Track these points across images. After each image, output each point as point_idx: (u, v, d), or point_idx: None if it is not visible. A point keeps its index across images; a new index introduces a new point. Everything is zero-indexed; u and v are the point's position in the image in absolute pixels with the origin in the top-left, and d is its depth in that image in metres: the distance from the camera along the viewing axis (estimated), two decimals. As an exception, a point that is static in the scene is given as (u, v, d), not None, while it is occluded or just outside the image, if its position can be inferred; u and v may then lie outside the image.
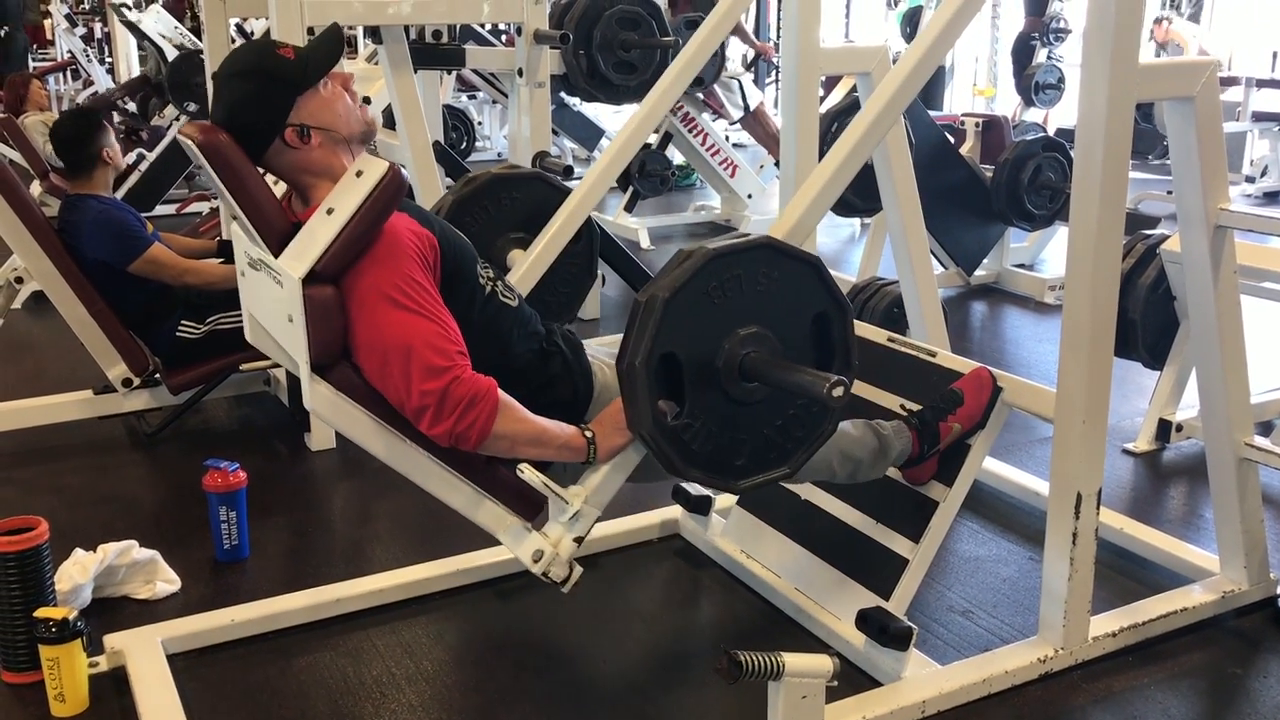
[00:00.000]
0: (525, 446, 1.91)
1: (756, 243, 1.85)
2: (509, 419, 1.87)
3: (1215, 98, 2.23)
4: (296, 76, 1.96)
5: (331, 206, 1.86)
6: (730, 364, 1.84)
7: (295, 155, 1.98)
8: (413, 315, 1.85)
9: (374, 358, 1.87)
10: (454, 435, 1.84)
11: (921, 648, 2.32)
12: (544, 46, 3.63)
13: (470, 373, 1.86)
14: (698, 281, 1.79)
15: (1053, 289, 5.16)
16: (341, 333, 1.88)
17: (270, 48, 1.99)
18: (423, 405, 1.83)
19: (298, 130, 1.96)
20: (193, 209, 6.73)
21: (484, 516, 1.99)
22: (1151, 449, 3.48)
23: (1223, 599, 2.52)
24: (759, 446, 1.94)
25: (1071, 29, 7.62)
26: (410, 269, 1.87)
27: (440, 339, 1.85)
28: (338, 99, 2.01)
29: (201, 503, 2.80)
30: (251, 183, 1.93)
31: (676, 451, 1.85)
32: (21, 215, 3.44)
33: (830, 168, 2.08)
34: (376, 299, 1.85)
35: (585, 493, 1.94)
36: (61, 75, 12.63)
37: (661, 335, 1.77)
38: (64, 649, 2.15)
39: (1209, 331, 2.39)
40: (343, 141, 2.01)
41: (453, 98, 8.51)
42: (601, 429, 1.95)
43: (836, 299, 1.93)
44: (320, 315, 1.82)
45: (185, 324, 3.56)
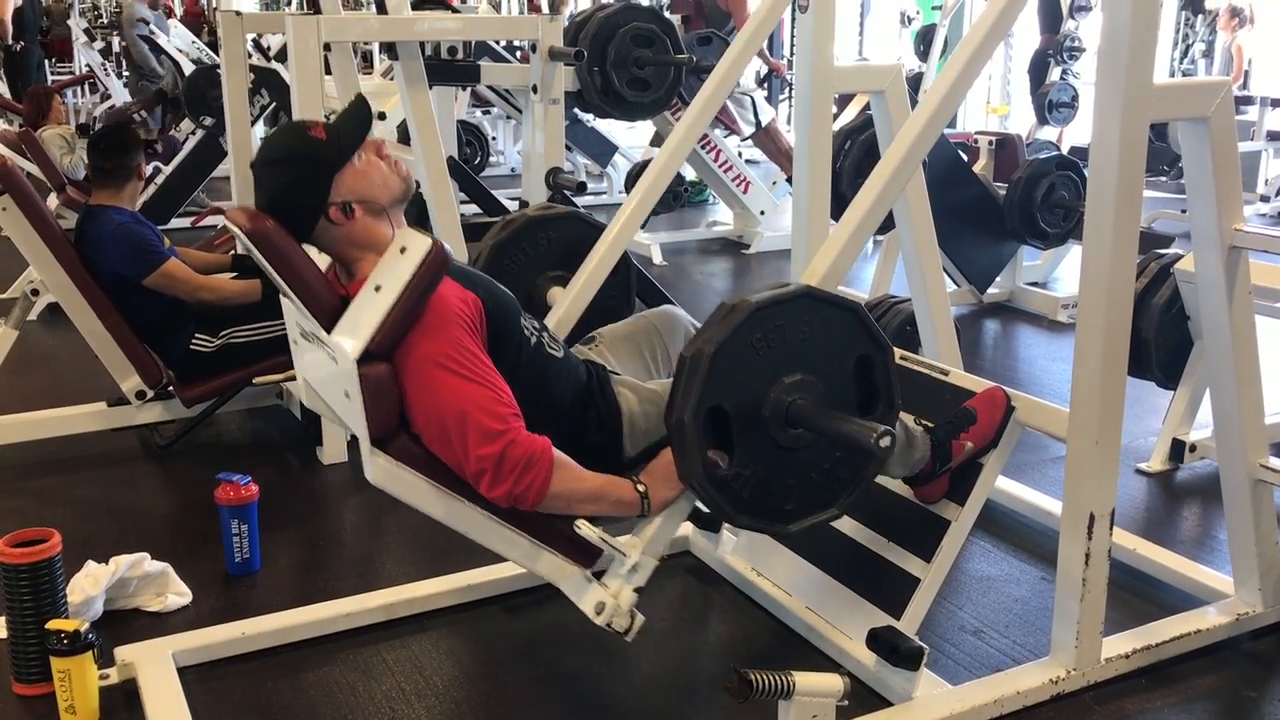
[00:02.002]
0: (581, 504, 1.95)
1: (796, 293, 1.89)
2: (565, 478, 1.93)
3: (1230, 118, 2.23)
4: (332, 156, 2.01)
5: (379, 283, 1.89)
6: (777, 412, 1.89)
7: (340, 231, 2.03)
8: (465, 382, 1.89)
9: (431, 426, 1.92)
10: (513, 496, 1.89)
11: (933, 668, 2.31)
12: (558, 63, 3.64)
13: (525, 434, 1.91)
14: (741, 335, 1.84)
15: (1066, 307, 5.15)
16: (398, 406, 1.92)
17: (303, 131, 2.05)
18: (480, 469, 1.88)
19: (340, 207, 2.01)
20: (208, 222, 6.77)
21: (543, 568, 2.03)
22: (1165, 469, 3.47)
23: (1237, 621, 2.50)
24: (807, 490, 1.99)
25: (1086, 47, 7.62)
26: (459, 336, 1.92)
27: (494, 403, 1.90)
28: (373, 169, 2.06)
29: (213, 515, 2.81)
30: (300, 265, 1.97)
31: (727, 500, 1.90)
32: (38, 228, 3.46)
33: (858, 213, 2.10)
34: (429, 369, 1.89)
35: (641, 544, 1.98)
36: (79, 89, 12.73)
37: (708, 389, 1.82)
38: (75, 661, 2.16)
39: (1223, 352, 2.38)
40: (383, 210, 2.05)
41: (467, 113, 8.54)
42: (653, 480, 1.99)
43: (877, 340, 1.97)
44: (376, 392, 1.87)
45: (199, 337, 3.58)
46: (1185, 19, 10.72)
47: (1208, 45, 10.64)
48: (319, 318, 1.95)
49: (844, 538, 2.52)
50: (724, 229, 7.09)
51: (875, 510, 2.47)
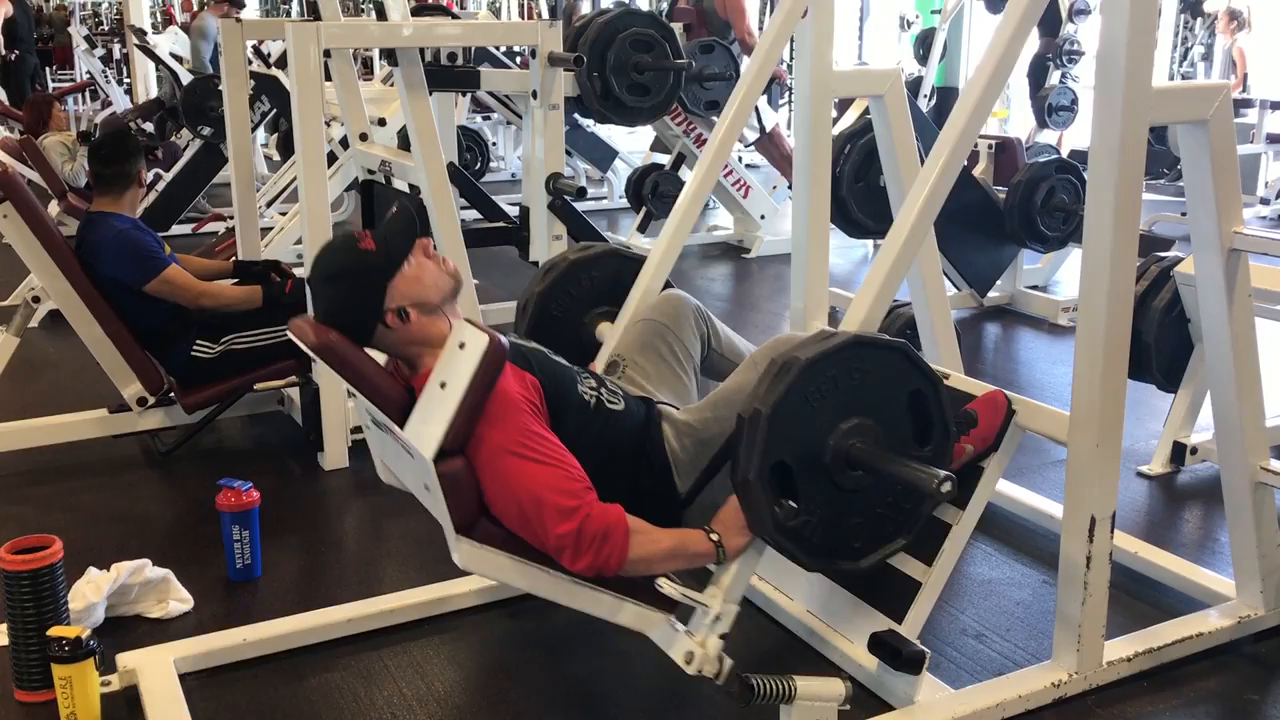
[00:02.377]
0: (661, 564, 2.03)
1: (844, 344, 1.95)
2: (642, 542, 2.00)
3: (1229, 121, 2.23)
4: (383, 267, 2.10)
5: (443, 380, 1.96)
6: (838, 458, 1.96)
7: (398, 334, 2.12)
8: (536, 465, 1.98)
9: (510, 510, 2.00)
10: (595, 568, 1.97)
11: (934, 671, 2.31)
12: (558, 69, 3.64)
13: (599, 507, 1.98)
14: (795, 391, 1.90)
15: (1066, 311, 5.15)
16: (476, 494, 2.01)
17: (352, 244, 2.14)
18: (561, 546, 1.96)
19: (395, 313, 2.09)
20: (209, 228, 6.77)
21: (628, 618, 2.08)
22: (1166, 472, 3.46)
23: (1239, 624, 2.50)
24: (874, 525, 2.05)
25: (1085, 51, 7.63)
26: (523, 421, 2.01)
27: (565, 480, 1.98)
28: (423, 270, 2.13)
29: (215, 522, 2.81)
30: (366, 369, 2.08)
31: (800, 548, 1.98)
32: (39, 235, 3.47)
33: (889, 258, 2.12)
34: (501, 458, 1.98)
35: (721, 593, 2.04)
36: (80, 96, 12.76)
37: (770, 448, 1.89)
38: (77, 668, 2.16)
39: (1223, 354, 2.38)
40: (437, 308, 2.13)
41: (467, 119, 8.55)
42: (724, 529, 2.05)
43: (927, 375, 2.04)
44: (454, 485, 1.96)
45: (200, 343, 3.58)
46: (1184, 22, 10.73)
47: (1206, 48, 10.65)
48: (389, 414, 2.05)
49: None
50: (724, 233, 7.09)
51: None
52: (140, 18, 10.43)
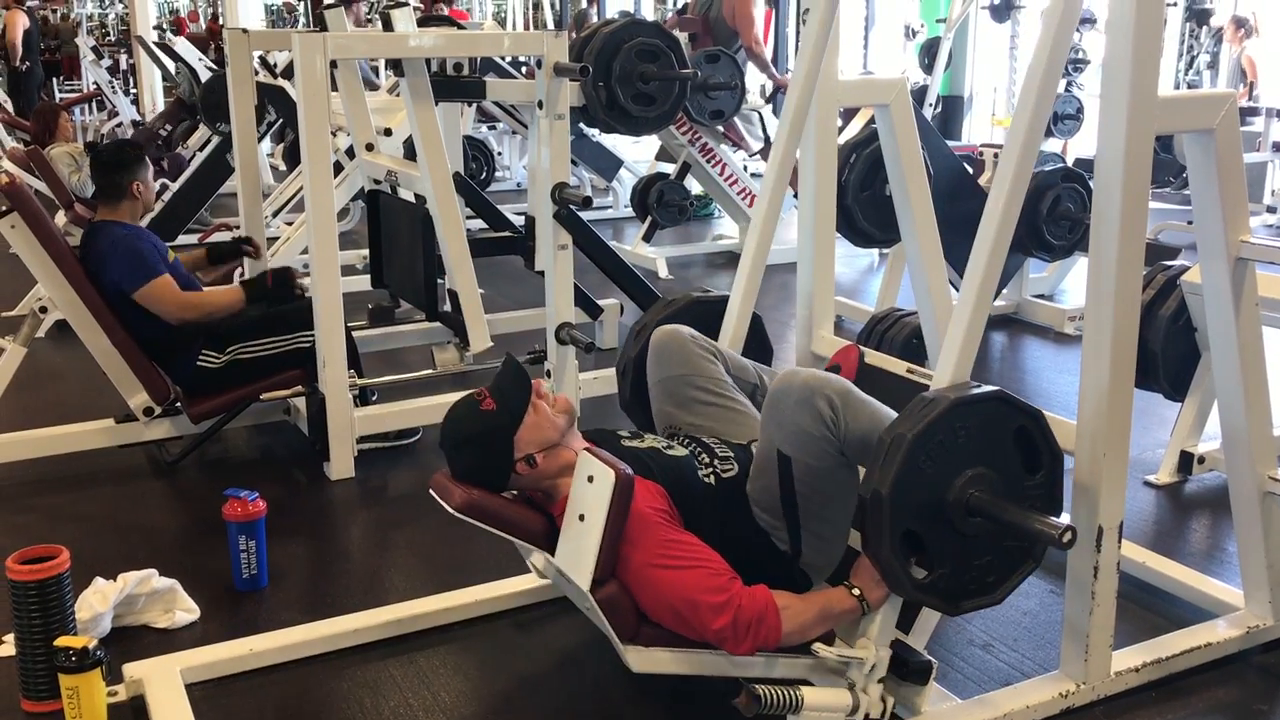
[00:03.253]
0: (814, 629, 2.14)
1: (945, 409, 1.98)
2: (793, 616, 2.11)
3: (1235, 130, 2.23)
4: (506, 425, 2.25)
5: (581, 513, 2.11)
6: (959, 512, 2.01)
7: (529, 478, 2.27)
8: (680, 571, 2.11)
9: (667, 617, 2.13)
10: (756, 648, 2.10)
11: (941, 682, 2.30)
12: (564, 79, 3.65)
13: (747, 594, 2.09)
14: (908, 465, 1.96)
15: (1072, 319, 5.14)
16: (634, 609, 2.15)
17: (475, 408, 2.28)
18: (721, 640, 2.09)
19: (524, 460, 2.25)
20: (215, 239, 6.79)
21: (784, 670, 2.20)
22: (1173, 481, 3.46)
23: (1247, 634, 2.49)
24: (1003, 558, 2.10)
25: (1090, 59, 7.64)
26: (660, 534, 2.14)
27: (710, 578, 2.10)
28: (541, 416, 2.28)
29: (221, 531, 2.81)
30: (510, 516, 2.24)
31: (939, 598, 2.06)
32: (46, 245, 3.48)
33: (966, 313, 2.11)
34: (648, 573, 2.11)
35: (872, 644, 2.12)
36: (86, 106, 12.81)
37: (895, 523, 1.97)
38: (83, 678, 2.15)
39: (1230, 363, 2.38)
40: (558, 444, 2.27)
41: (473, 128, 8.57)
42: (864, 582, 2.14)
43: (1028, 412, 2.08)
44: (612, 608, 2.12)
45: (206, 353, 3.59)
46: (1190, 30, 10.72)
47: (1212, 57, 10.64)
48: (538, 545, 2.23)
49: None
50: (729, 242, 7.09)
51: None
52: (147, 28, 10.47)
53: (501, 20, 13.06)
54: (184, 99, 7.90)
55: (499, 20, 13.10)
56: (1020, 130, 2.08)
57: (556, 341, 3.73)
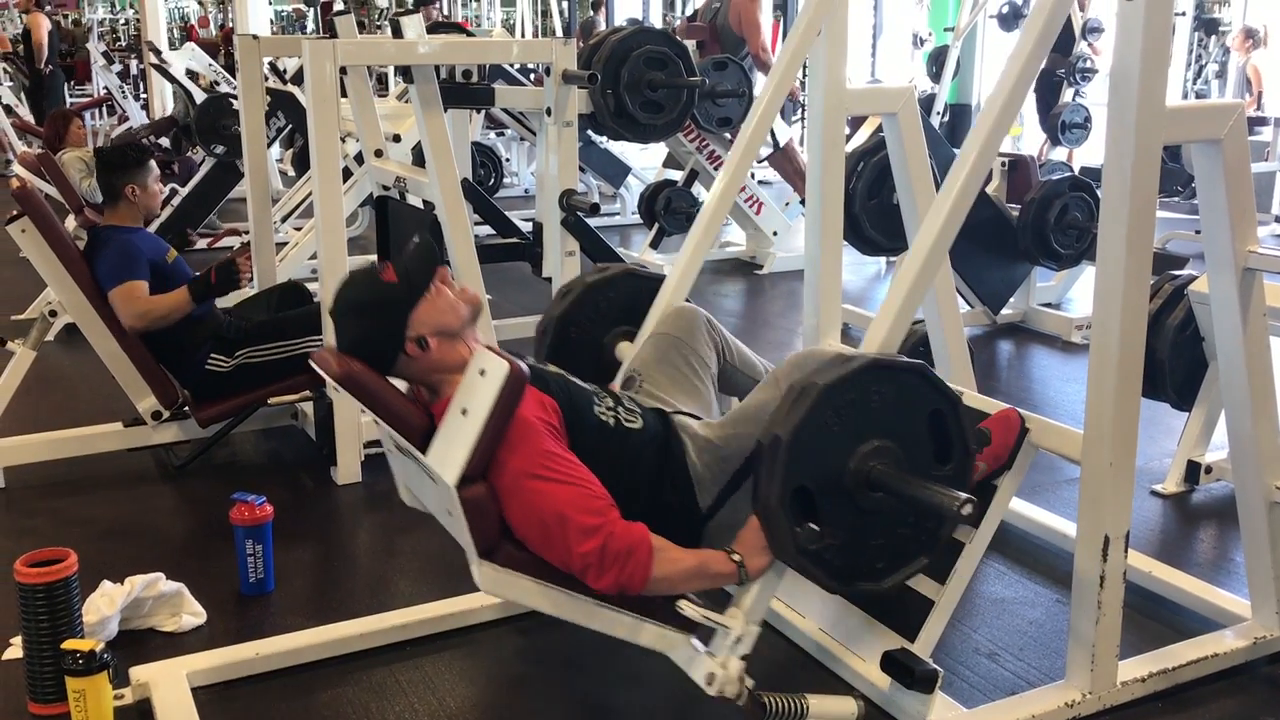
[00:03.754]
0: (683, 583, 2.06)
1: (863, 366, 1.95)
2: (665, 561, 2.01)
3: (1243, 140, 2.23)
4: (403, 299, 2.13)
5: (464, 406, 1.99)
6: (858, 481, 1.97)
7: (419, 363, 2.14)
8: (557, 485, 2.00)
9: (533, 532, 2.02)
10: (619, 585, 1.98)
11: (947, 690, 2.30)
12: (572, 86, 3.66)
13: (623, 525, 2.00)
14: (814, 417, 1.92)
15: (1080, 328, 5.14)
16: (498, 519, 2.03)
17: (374, 277, 2.18)
18: (585, 565, 1.98)
19: (416, 342, 2.12)
20: (224, 243, 6.81)
21: (648, 639, 2.11)
22: (1180, 491, 3.45)
23: (1254, 645, 2.49)
24: (895, 546, 2.06)
25: (1098, 69, 7.63)
26: (543, 444, 2.03)
27: (586, 499, 2.00)
28: (443, 299, 2.17)
29: (228, 535, 2.82)
30: (388, 398, 2.10)
31: (822, 570, 2.00)
32: (56, 249, 3.49)
33: (907, 280, 2.12)
34: (522, 481, 2.00)
35: (742, 615, 2.05)
36: (97, 111, 12.85)
37: (790, 473, 1.91)
38: (90, 681, 2.16)
39: (1238, 373, 2.37)
40: (457, 334, 2.16)
41: (481, 135, 8.59)
42: (746, 550, 2.05)
43: (945, 394, 2.05)
44: (477, 511, 1.99)
45: (214, 357, 3.60)
46: (1198, 40, 10.72)
47: (1221, 66, 10.64)
48: (412, 441, 2.07)
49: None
50: (737, 250, 7.10)
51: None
52: (157, 34, 10.51)
53: (510, 27, 13.09)
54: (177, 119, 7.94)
55: (507, 27, 13.13)
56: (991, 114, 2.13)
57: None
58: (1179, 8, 8.87)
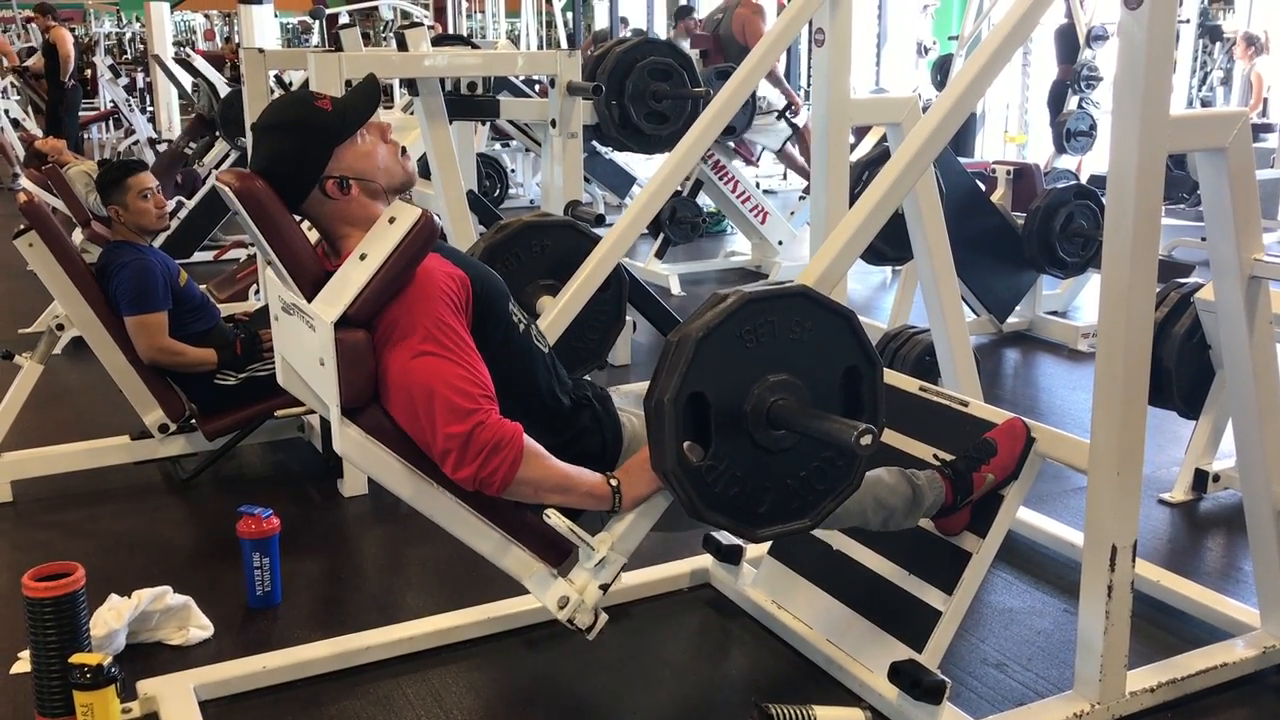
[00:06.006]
0: (550, 493, 1.91)
1: (791, 290, 1.87)
2: (533, 465, 1.88)
3: (1247, 148, 2.23)
4: (334, 127, 1.98)
5: (365, 252, 1.87)
6: (758, 409, 1.84)
7: (333, 205, 2.00)
8: (440, 359, 1.85)
9: (401, 399, 1.88)
10: (478, 480, 1.85)
11: (955, 701, 2.29)
12: (577, 98, 3.67)
13: (496, 418, 1.86)
14: (731, 324, 1.81)
15: (1086, 336, 5.13)
16: (372, 377, 1.89)
17: (308, 99, 2.02)
18: (447, 448, 1.84)
19: (337, 181, 1.98)
20: (230, 256, 6.83)
21: (510, 562, 1.99)
22: (1188, 499, 3.44)
23: (1264, 654, 2.48)
24: (782, 496, 1.93)
25: (1103, 76, 7.63)
26: (441, 312, 1.88)
27: (467, 383, 1.85)
28: (375, 149, 2.03)
29: (235, 548, 2.82)
30: (287, 230, 1.95)
31: (699, 493, 1.84)
32: (63, 263, 3.51)
33: (858, 217, 2.09)
34: (407, 342, 1.86)
35: (611, 539, 1.94)
36: (104, 124, 12.91)
37: (692, 374, 1.78)
38: (98, 695, 2.16)
39: (1245, 381, 2.37)
40: (380, 192, 2.02)
41: (486, 146, 8.60)
42: (627, 477, 1.95)
43: (868, 353, 1.93)
44: (351, 359, 1.84)
45: (222, 371, 3.61)
46: (1203, 47, 10.72)
47: (1226, 73, 10.63)
48: (301, 287, 1.93)
49: (865, 570, 2.51)
50: (742, 259, 7.10)
51: (896, 542, 2.46)
52: (164, 47, 10.55)
53: (515, 39, 13.13)
54: (204, 114, 7.97)
55: (512, 39, 13.17)
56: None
57: (569, 358, 3.74)
58: (1183, 15, 8.87)
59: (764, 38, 2.81)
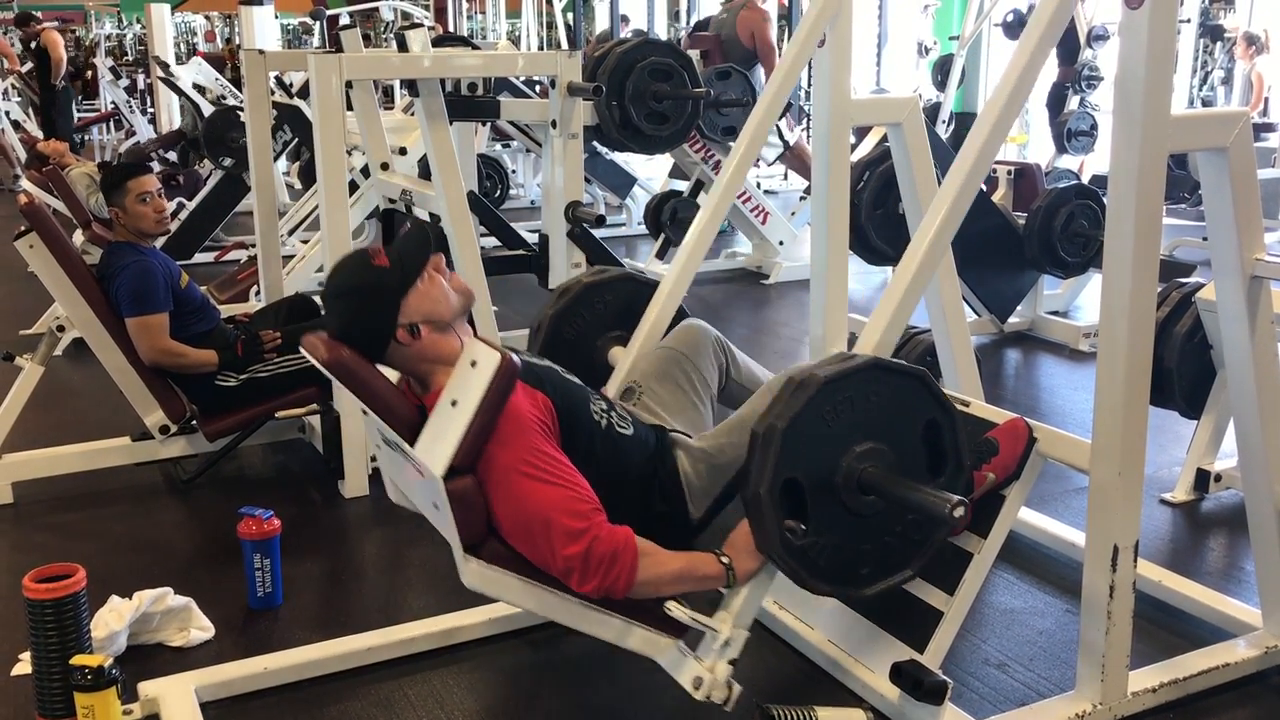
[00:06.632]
0: (669, 586, 2.03)
1: (863, 365, 1.95)
2: (651, 565, 2.00)
3: (1249, 148, 2.23)
4: (396, 284, 2.12)
5: (454, 398, 1.98)
6: (849, 480, 1.95)
7: (409, 350, 2.13)
8: (545, 485, 1.98)
9: (518, 531, 2.01)
10: (602, 590, 1.97)
11: (956, 702, 2.28)
12: (577, 98, 3.67)
13: (608, 529, 1.98)
14: (811, 409, 1.91)
15: (1087, 336, 5.12)
16: (484, 513, 2.01)
17: (367, 261, 2.15)
18: (568, 568, 1.96)
19: (407, 329, 2.11)
20: (231, 256, 6.83)
21: (635, 643, 2.09)
22: (1190, 499, 3.44)
23: (1266, 654, 2.47)
24: (882, 552, 2.04)
25: (1104, 76, 7.62)
26: (534, 441, 2.01)
27: (573, 502, 1.98)
28: (435, 287, 2.15)
29: (236, 549, 2.82)
30: (377, 385, 2.08)
31: (805, 569, 1.97)
32: (64, 264, 3.51)
33: (904, 280, 2.13)
34: (510, 477, 1.98)
35: (731, 618, 2.04)
36: (104, 126, 12.91)
37: (782, 463, 1.89)
38: (99, 696, 2.16)
39: (1246, 381, 2.37)
40: (448, 325, 2.15)
41: (487, 147, 8.60)
42: (735, 552, 2.05)
43: (943, 405, 2.03)
44: (463, 504, 1.97)
45: (223, 373, 3.61)
46: (1204, 46, 10.70)
47: (1227, 72, 10.62)
48: (400, 432, 2.05)
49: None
50: (743, 259, 7.10)
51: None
52: (164, 49, 10.55)
53: (515, 40, 13.13)
54: (185, 132, 7.97)
55: (512, 40, 13.17)
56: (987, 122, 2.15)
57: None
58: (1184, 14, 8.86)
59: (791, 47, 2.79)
